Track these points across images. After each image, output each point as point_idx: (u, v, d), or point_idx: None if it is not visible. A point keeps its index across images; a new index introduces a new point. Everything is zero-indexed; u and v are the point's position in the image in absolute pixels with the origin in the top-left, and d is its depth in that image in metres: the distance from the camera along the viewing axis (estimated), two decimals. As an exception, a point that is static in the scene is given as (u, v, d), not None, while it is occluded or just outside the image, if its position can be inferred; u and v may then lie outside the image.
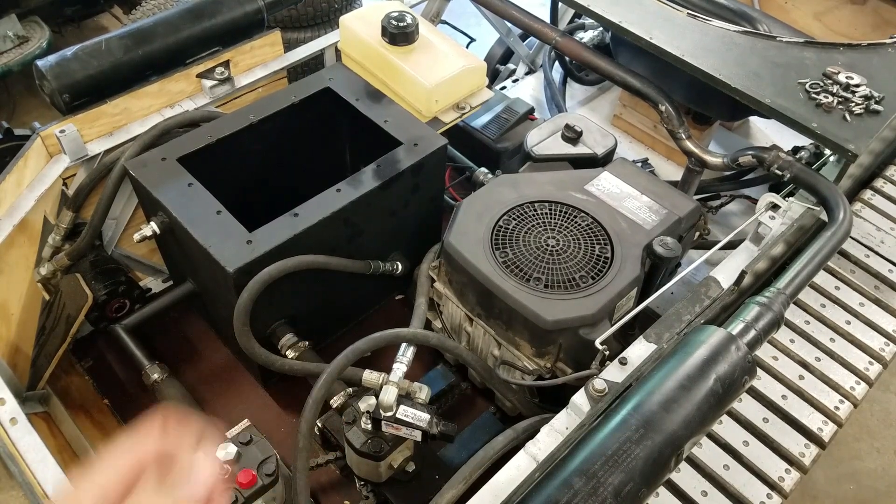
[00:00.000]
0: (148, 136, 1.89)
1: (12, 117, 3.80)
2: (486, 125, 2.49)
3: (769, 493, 1.29)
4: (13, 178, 1.78)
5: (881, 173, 1.92)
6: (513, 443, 1.41)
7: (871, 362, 1.50)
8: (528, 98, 2.86)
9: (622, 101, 2.80)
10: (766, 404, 1.41)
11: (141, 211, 1.99)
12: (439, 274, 1.78)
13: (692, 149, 1.96)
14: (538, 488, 1.07)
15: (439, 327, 1.88)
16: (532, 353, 1.61)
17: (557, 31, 2.16)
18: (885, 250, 1.71)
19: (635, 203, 1.78)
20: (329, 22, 3.37)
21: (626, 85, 2.03)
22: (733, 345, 1.22)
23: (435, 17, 2.60)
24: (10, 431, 1.41)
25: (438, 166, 1.91)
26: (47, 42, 3.66)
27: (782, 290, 1.39)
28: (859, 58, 1.86)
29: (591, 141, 2.17)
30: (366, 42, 2.03)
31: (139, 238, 1.73)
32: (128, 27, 2.01)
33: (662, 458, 1.09)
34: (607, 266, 1.63)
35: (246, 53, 2.13)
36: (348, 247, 1.80)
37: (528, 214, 1.73)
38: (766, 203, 1.74)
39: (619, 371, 1.35)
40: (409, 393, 1.50)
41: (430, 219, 2.05)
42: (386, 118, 1.90)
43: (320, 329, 1.96)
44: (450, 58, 2.02)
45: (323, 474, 1.83)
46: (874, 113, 1.71)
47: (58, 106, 1.88)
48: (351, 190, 1.72)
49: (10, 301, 1.90)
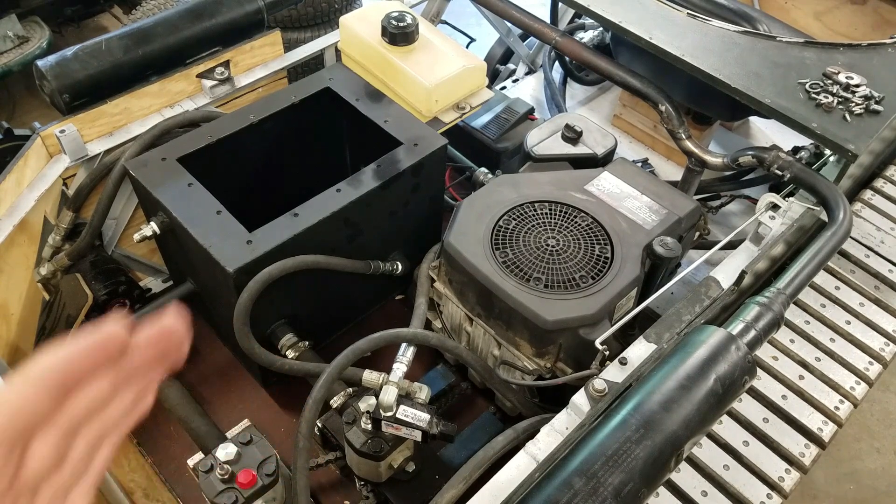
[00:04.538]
0: (148, 136, 1.89)
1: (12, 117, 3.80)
2: (486, 125, 2.49)
3: (769, 493, 1.29)
4: (13, 178, 1.78)
5: (881, 173, 1.92)
6: (513, 443, 1.41)
7: (871, 362, 1.50)
8: (528, 98, 2.86)
9: (622, 101, 2.80)
10: (766, 404, 1.41)
11: (141, 211, 1.99)
12: (439, 274, 1.78)
13: (692, 149, 1.96)
14: (538, 488, 1.07)
15: (439, 327, 1.88)
16: (532, 353, 1.61)
17: (557, 31, 2.16)
18: (885, 250, 1.71)
19: (635, 203, 1.78)
20: (329, 22, 3.37)
21: (626, 85, 2.03)
22: (733, 345, 1.22)
23: (435, 17, 2.60)
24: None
25: (438, 166, 1.91)
26: (47, 42, 3.66)
27: (782, 290, 1.39)
28: (859, 58, 1.86)
29: (591, 141, 2.17)
30: (366, 42, 2.03)
31: (139, 238, 1.73)
32: (128, 27, 2.01)
33: (662, 458, 1.09)
34: (607, 266, 1.63)
35: (246, 53, 2.13)
36: (348, 247, 1.80)
37: (528, 214, 1.73)
38: (766, 203, 1.74)
39: (619, 371, 1.35)
40: (409, 393, 1.50)
41: (430, 219, 2.05)
42: (386, 118, 1.90)
43: (320, 329, 1.96)
44: (450, 58, 2.02)
45: (323, 474, 1.83)
46: (874, 113, 1.71)
47: (58, 106, 1.88)
48: (351, 190, 1.72)
49: (10, 301, 1.90)
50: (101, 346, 0.53)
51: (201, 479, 1.44)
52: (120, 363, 0.55)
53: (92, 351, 0.53)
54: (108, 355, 0.54)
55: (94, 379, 0.54)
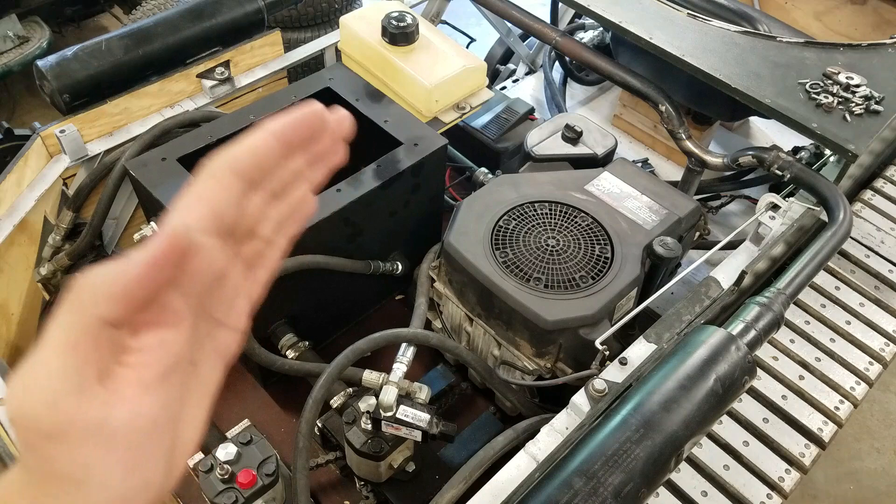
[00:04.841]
0: (148, 136, 1.89)
1: (12, 117, 3.80)
2: (486, 125, 2.48)
3: (769, 494, 1.29)
4: (13, 178, 1.78)
5: (881, 173, 1.92)
6: (513, 443, 1.41)
7: (871, 362, 1.50)
8: (528, 98, 2.85)
9: (622, 101, 2.80)
10: (766, 404, 1.41)
11: (141, 211, 1.99)
12: (439, 274, 1.78)
13: (692, 149, 1.96)
14: (538, 488, 1.07)
15: (439, 327, 1.88)
16: (532, 353, 1.61)
17: (557, 31, 2.16)
18: (885, 250, 1.71)
19: (635, 203, 1.78)
20: (329, 22, 3.36)
21: (626, 85, 2.03)
22: (733, 345, 1.22)
23: (435, 17, 2.60)
24: (11, 431, 1.41)
25: (438, 166, 1.91)
26: (47, 42, 3.66)
27: (782, 291, 1.39)
28: (859, 58, 1.86)
29: (591, 141, 2.17)
30: (366, 42, 2.03)
31: (139, 238, 1.73)
32: (128, 27, 2.01)
33: (662, 458, 1.09)
34: (607, 266, 1.63)
35: (246, 53, 2.13)
36: (348, 247, 1.80)
37: (528, 214, 1.73)
38: (767, 203, 1.74)
39: (619, 371, 1.35)
40: (409, 393, 1.50)
41: (430, 219, 2.05)
42: (386, 118, 1.90)
43: (320, 329, 1.95)
44: (450, 58, 2.02)
45: (323, 474, 1.83)
46: (874, 113, 1.71)
47: (58, 106, 1.88)
48: (351, 190, 1.72)
49: (10, 301, 1.90)
50: (311, 119, 0.52)
51: (201, 479, 1.44)
52: (310, 146, 0.53)
53: (307, 121, 0.51)
54: (312, 133, 0.52)
55: (298, 152, 0.52)
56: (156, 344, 0.44)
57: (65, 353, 0.41)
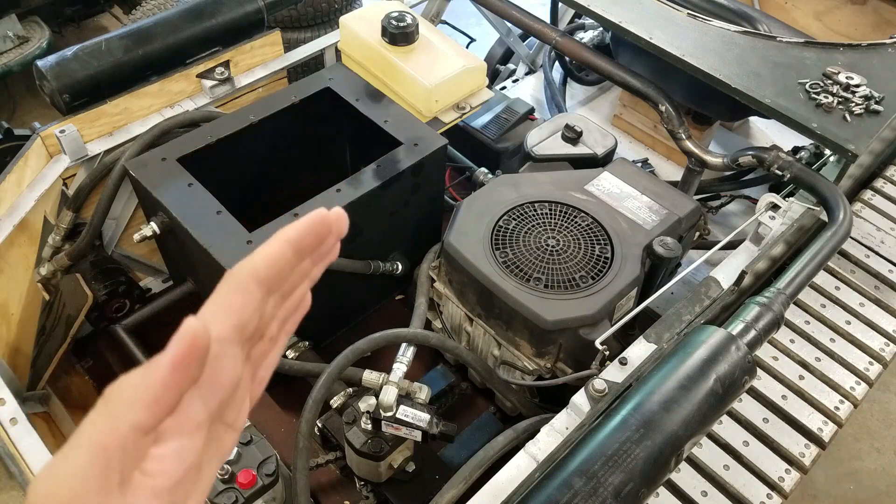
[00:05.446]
0: (148, 136, 1.89)
1: (12, 117, 3.80)
2: (486, 125, 2.49)
3: (769, 493, 1.29)
4: (13, 178, 1.78)
5: (881, 173, 1.92)
6: (513, 443, 1.41)
7: (871, 362, 1.50)
8: (528, 98, 2.86)
9: (622, 101, 2.80)
10: (766, 404, 1.41)
11: (141, 211, 1.99)
12: (439, 274, 1.78)
13: (692, 149, 1.96)
14: (538, 488, 1.07)
15: (439, 327, 1.88)
16: (532, 353, 1.61)
17: (557, 31, 2.16)
18: (885, 250, 1.71)
19: (635, 203, 1.78)
20: (329, 22, 3.36)
21: (626, 85, 2.03)
22: (733, 345, 1.22)
23: (435, 17, 2.60)
24: (11, 432, 1.41)
25: (438, 166, 1.91)
26: (47, 42, 3.66)
27: (782, 291, 1.39)
28: (859, 58, 1.86)
29: (591, 141, 2.17)
30: (366, 42, 2.03)
31: (139, 238, 1.73)
32: (128, 27, 2.01)
33: (662, 458, 1.09)
34: (607, 266, 1.63)
35: (246, 53, 2.13)
36: (348, 247, 1.80)
37: (528, 214, 1.73)
38: (766, 203, 1.74)
39: (619, 371, 1.35)
40: (409, 393, 1.50)
41: (430, 219, 2.05)
42: (386, 118, 1.90)
43: (320, 329, 1.96)
44: (450, 58, 2.02)
45: (323, 474, 1.83)
46: (874, 113, 1.71)
47: (58, 106, 1.88)
48: (351, 190, 1.72)
49: (10, 301, 1.90)
50: (319, 227, 0.53)
51: (201, 479, 1.44)
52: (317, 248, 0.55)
53: (316, 229, 0.53)
54: (321, 238, 0.54)
55: (307, 255, 0.54)
56: (173, 453, 0.46)
57: (94, 453, 0.43)
